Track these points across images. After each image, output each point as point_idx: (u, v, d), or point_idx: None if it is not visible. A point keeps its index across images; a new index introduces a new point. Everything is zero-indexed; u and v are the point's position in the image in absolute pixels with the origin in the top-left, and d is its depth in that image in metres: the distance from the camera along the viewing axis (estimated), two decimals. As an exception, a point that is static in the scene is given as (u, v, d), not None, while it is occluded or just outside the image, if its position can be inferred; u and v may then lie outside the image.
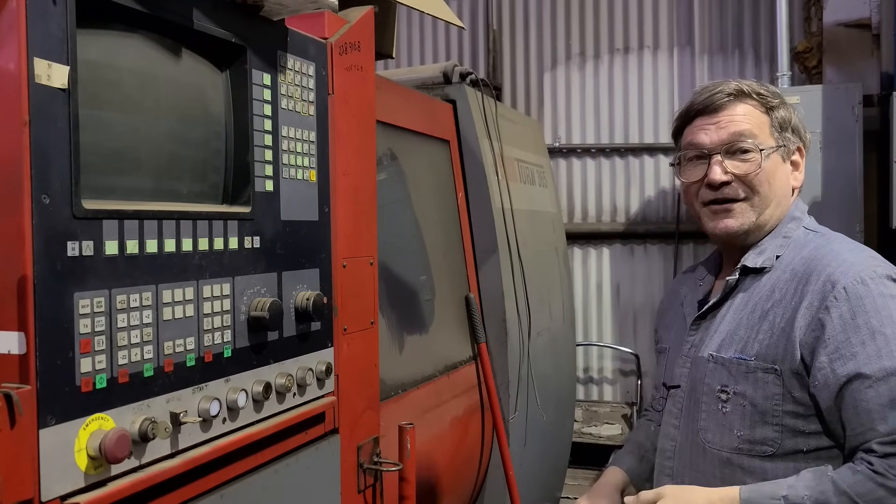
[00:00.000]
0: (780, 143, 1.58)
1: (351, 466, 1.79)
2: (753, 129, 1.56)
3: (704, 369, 1.57)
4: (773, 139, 1.57)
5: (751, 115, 1.57)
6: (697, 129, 1.60)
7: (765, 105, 1.58)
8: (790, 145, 1.60)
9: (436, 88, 3.11)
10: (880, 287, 1.41)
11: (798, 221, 1.61)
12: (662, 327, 1.84)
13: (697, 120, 1.61)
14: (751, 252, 1.59)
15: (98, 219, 1.13)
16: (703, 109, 1.60)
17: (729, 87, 1.58)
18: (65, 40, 1.08)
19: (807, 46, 5.25)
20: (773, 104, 1.59)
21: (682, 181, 1.65)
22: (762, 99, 1.58)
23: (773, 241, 1.58)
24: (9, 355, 1.04)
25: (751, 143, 1.55)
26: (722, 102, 1.57)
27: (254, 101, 1.47)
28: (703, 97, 1.60)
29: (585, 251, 5.97)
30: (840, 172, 4.24)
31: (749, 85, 1.59)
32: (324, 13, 1.72)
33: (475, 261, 3.05)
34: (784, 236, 1.58)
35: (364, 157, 1.86)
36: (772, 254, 1.56)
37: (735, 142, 1.55)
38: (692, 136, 1.62)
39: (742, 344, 1.52)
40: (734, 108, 1.57)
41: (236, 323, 1.41)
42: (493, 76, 6.05)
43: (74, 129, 1.10)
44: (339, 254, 1.74)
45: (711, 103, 1.58)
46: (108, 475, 1.13)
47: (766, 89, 1.61)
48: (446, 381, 2.67)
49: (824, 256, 1.48)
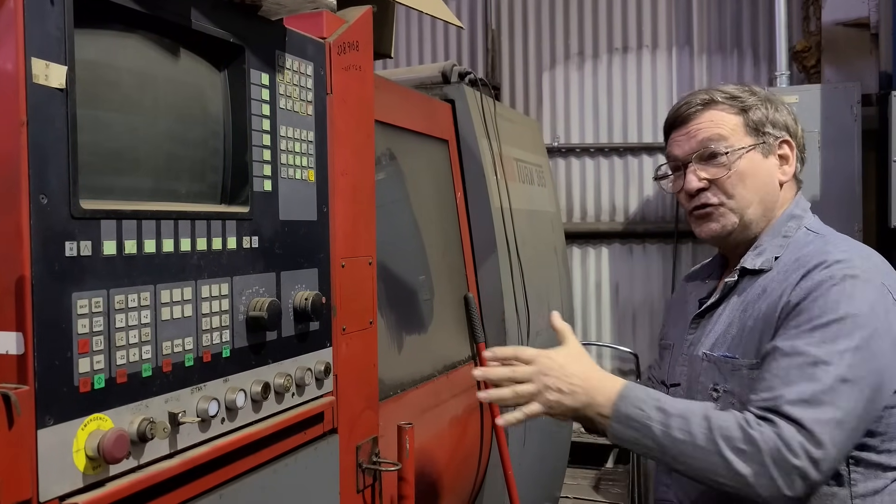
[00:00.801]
0: (759, 140, 1.60)
1: (350, 466, 1.79)
2: (723, 132, 1.59)
3: (699, 368, 1.59)
4: (748, 138, 1.60)
5: (719, 119, 1.61)
6: (673, 142, 1.68)
7: (737, 107, 1.61)
8: (770, 140, 1.61)
9: (434, 88, 3.11)
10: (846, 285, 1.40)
11: (798, 220, 1.61)
12: (670, 322, 1.86)
13: (673, 133, 1.68)
14: (750, 253, 1.61)
15: (96, 219, 1.13)
16: (674, 123, 1.67)
17: (698, 98, 1.64)
18: (63, 40, 1.08)
19: (805, 46, 5.26)
20: (748, 104, 1.62)
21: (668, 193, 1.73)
22: (735, 101, 1.62)
23: (772, 242, 1.59)
24: (7, 355, 1.04)
25: (718, 146, 1.58)
26: (690, 113, 1.64)
27: (252, 100, 1.47)
28: (675, 110, 1.67)
29: (584, 251, 5.97)
30: (839, 172, 4.24)
31: (722, 91, 1.64)
32: (322, 13, 1.72)
33: (474, 260, 3.05)
34: (784, 236, 1.59)
35: (363, 157, 1.86)
36: (770, 255, 1.57)
37: (704, 149, 1.60)
38: (669, 148, 1.69)
39: (731, 343, 1.54)
40: (703, 116, 1.62)
41: (235, 323, 1.41)
42: (491, 76, 6.06)
43: (72, 129, 1.09)
44: (338, 254, 1.74)
45: (679, 115, 1.66)
46: (107, 475, 1.13)
47: (745, 90, 1.64)
48: (445, 380, 2.67)
49: (815, 256, 1.49)
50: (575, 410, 1.50)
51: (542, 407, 1.51)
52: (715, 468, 1.35)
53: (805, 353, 1.36)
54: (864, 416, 1.36)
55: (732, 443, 1.34)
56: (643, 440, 1.43)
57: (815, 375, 1.34)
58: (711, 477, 1.37)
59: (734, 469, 1.33)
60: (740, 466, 1.33)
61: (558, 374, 1.51)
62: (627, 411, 1.45)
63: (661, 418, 1.41)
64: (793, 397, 1.34)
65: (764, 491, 1.32)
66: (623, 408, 1.45)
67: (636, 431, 1.43)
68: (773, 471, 1.31)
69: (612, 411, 1.46)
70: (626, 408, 1.45)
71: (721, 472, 1.35)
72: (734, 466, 1.33)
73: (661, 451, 1.41)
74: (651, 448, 1.43)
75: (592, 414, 1.49)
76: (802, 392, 1.34)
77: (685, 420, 1.39)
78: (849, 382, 1.34)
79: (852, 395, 1.34)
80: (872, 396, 1.36)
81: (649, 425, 1.42)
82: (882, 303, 1.40)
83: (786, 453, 1.31)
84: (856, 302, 1.38)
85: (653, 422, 1.41)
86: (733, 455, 1.34)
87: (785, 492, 1.31)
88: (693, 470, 1.39)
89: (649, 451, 1.44)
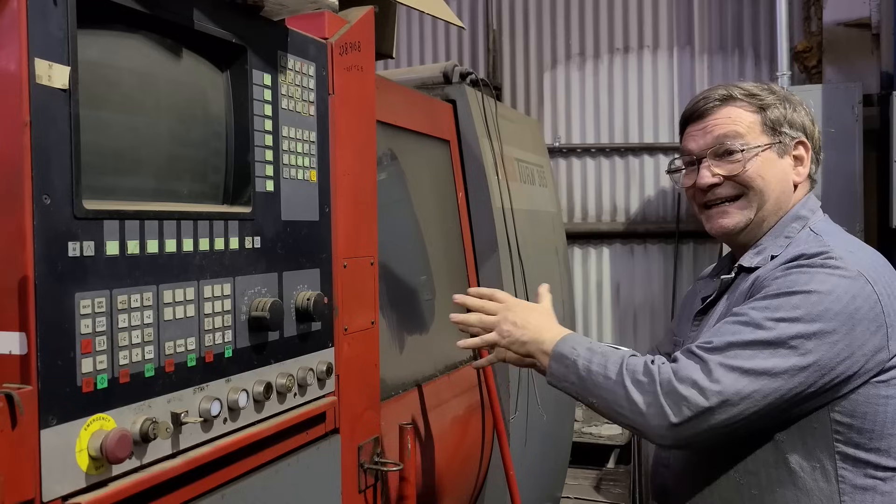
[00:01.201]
0: (775, 139, 1.59)
1: (352, 466, 1.79)
2: (739, 129, 1.58)
3: None
4: (765, 137, 1.59)
5: (737, 116, 1.60)
6: (688, 137, 1.67)
7: (756, 105, 1.60)
8: (787, 140, 1.60)
9: (436, 88, 3.11)
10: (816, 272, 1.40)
11: (803, 221, 1.59)
12: (682, 319, 1.88)
13: (689, 127, 1.67)
14: (749, 251, 1.61)
15: (99, 219, 1.13)
16: (690, 117, 1.67)
17: (717, 93, 1.63)
18: (65, 41, 1.08)
19: (806, 46, 5.26)
20: (767, 103, 1.60)
21: (680, 187, 1.72)
22: (753, 99, 1.61)
23: (773, 242, 1.58)
24: (10, 356, 1.04)
25: (734, 143, 1.58)
26: (708, 108, 1.62)
27: (254, 101, 1.47)
28: (692, 104, 1.66)
29: (585, 251, 5.97)
30: (840, 172, 4.24)
31: (741, 88, 1.62)
32: (324, 13, 1.72)
33: (475, 260, 3.05)
34: (786, 236, 1.58)
35: (364, 157, 1.86)
36: (768, 254, 1.57)
37: (720, 145, 1.59)
38: (684, 142, 1.68)
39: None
40: (719, 113, 1.61)
41: (237, 323, 1.41)
42: (492, 76, 6.06)
43: (75, 130, 1.10)
44: (340, 254, 1.74)
45: (697, 110, 1.64)
46: (110, 475, 1.13)
47: (763, 89, 1.63)
48: (447, 380, 2.67)
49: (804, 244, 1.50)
50: (524, 344, 1.64)
51: (497, 336, 1.67)
52: (617, 399, 1.45)
53: (745, 315, 1.42)
54: (782, 381, 1.35)
55: (634, 375, 1.44)
56: (569, 375, 1.54)
57: (741, 332, 1.39)
58: (615, 409, 1.46)
59: (631, 398, 1.42)
60: (636, 396, 1.42)
61: (519, 312, 1.68)
62: (562, 350, 1.57)
63: (587, 355, 1.53)
64: (708, 342, 1.41)
65: (654, 420, 1.40)
66: (560, 347, 1.58)
67: (565, 368, 1.55)
68: (662, 399, 1.39)
69: (551, 349, 1.59)
70: (562, 347, 1.57)
71: (622, 403, 1.44)
72: (631, 396, 1.42)
73: (581, 384, 1.52)
74: (574, 383, 1.53)
75: (536, 351, 1.62)
76: (720, 341, 1.40)
77: (605, 357, 1.51)
78: (772, 347, 1.36)
79: (771, 358, 1.36)
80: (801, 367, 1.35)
81: (575, 361, 1.53)
82: (849, 289, 1.38)
83: (675, 383, 1.38)
84: (814, 283, 1.39)
85: (579, 358, 1.53)
86: (632, 385, 1.43)
87: (672, 419, 1.37)
88: (604, 404, 1.48)
89: (573, 386, 1.54)
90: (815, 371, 1.36)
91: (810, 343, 1.35)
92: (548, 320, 1.69)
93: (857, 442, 1.41)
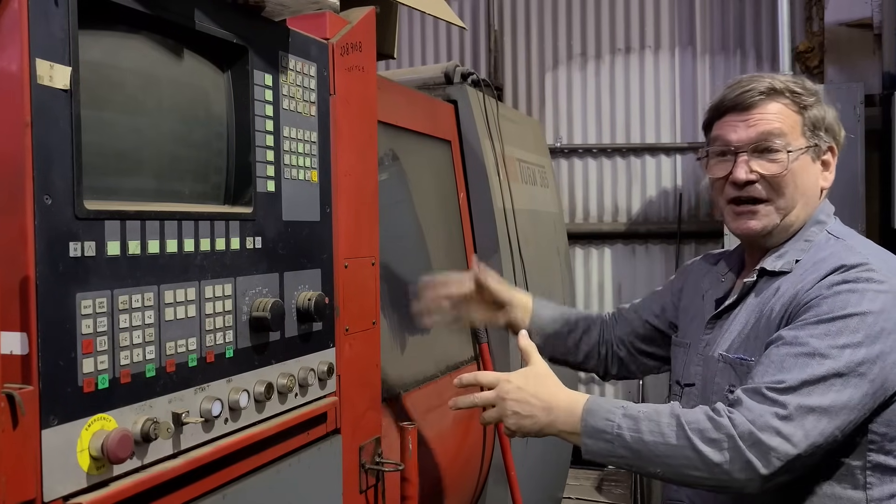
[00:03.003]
0: (812, 143, 1.55)
1: (353, 467, 1.79)
2: (784, 128, 1.53)
3: (715, 368, 1.57)
4: (804, 139, 1.54)
5: (782, 114, 1.54)
6: (726, 125, 1.58)
7: (798, 104, 1.55)
8: (822, 145, 1.57)
9: (437, 89, 3.12)
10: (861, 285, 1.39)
11: (821, 225, 1.57)
12: (685, 316, 1.81)
13: (728, 116, 1.58)
14: (771, 255, 1.57)
15: (100, 219, 1.13)
16: (734, 106, 1.57)
17: (762, 85, 1.55)
18: (67, 41, 1.08)
19: (808, 46, 5.25)
20: (808, 103, 1.55)
21: (709, 177, 1.63)
22: (796, 97, 1.55)
23: (794, 245, 1.56)
24: (11, 356, 1.04)
25: (779, 143, 1.52)
26: (754, 100, 1.54)
27: (255, 101, 1.47)
28: (736, 93, 1.56)
29: (587, 251, 5.97)
30: (842, 172, 4.17)
31: (783, 82, 1.55)
32: (325, 14, 1.72)
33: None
34: (806, 240, 1.55)
35: (366, 158, 1.86)
36: (791, 258, 1.54)
37: (763, 141, 1.53)
38: (720, 130, 1.59)
39: (746, 344, 1.52)
40: (766, 107, 1.54)
41: (238, 323, 1.41)
42: (494, 76, 6.06)
43: (76, 130, 1.10)
44: (341, 254, 1.74)
45: (743, 101, 1.55)
46: (111, 475, 1.13)
47: (803, 87, 1.57)
48: (448, 380, 2.67)
49: (833, 258, 1.46)
50: (538, 432, 1.51)
51: (507, 422, 1.54)
52: (691, 463, 1.34)
53: (805, 344, 1.35)
54: (857, 411, 1.34)
55: (704, 434, 1.33)
56: (617, 450, 1.41)
57: (809, 365, 1.33)
58: (689, 473, 1.35)
59: (709, 460, 1.32)
60: (714, 456, 1.31)
61: (516, 396, 1.52)
62: (596, 424, 1.43)
63: (630, 424, 1.39)
64: (778, 382, 1.33)
65: (741, 474, 1.30)
66: (591, 422, 1.43)
67: (608, 443, 1.41)
68: (748, 453, 1.30)
69: (581, 427, 1.44)
70: (595, 421, 1.43)
71: (697, 466, 1.33)
72: (708, 458, 1.32)
73: (636, 457, 1.39)
74: (625, 457, 1.40)
75: (557, 433, 1.49)
76: (791, 379, 1.33)
77: (654, 422, 1.38)
78: (843, 377, 1.33)
79: (845, 389, 1.32)
80: (871, 392, 1.35)
81: (620, 434, 1.40)
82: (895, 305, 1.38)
83: (758, 434, 1.30)
84: (865, 302, 1.37)
85: (623, 430, 1.39)
86: (705, 446, 1.32)
87: (761, 471, 1.29)
88: (671, 471, 1.37)
89: (624, 460, 1.41)
90: (882, 392, 1.36)
91: (875, 367, 1.34)
92: (550, 391, 1.52)
93: (889, 450, 1.41)
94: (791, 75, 1.61)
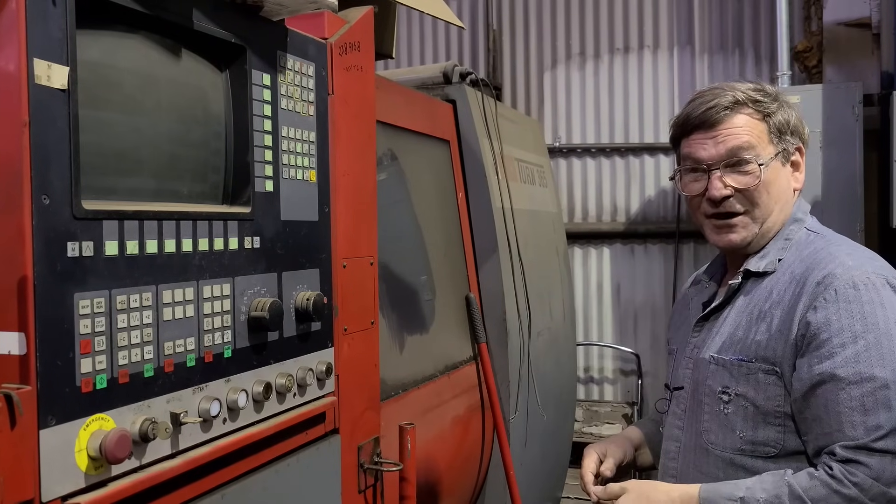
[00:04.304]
0: (780, 148, 1.57)
1: (351, 466, 1.79)
2: (752, 140, 1.54)
3: (706, 371, 1.58)
4: (772, 146, 1.56)
5: (748, 125, 1.55)
6: (695, 144, 1.59)
7: (762, 112, 1.56)
8: (790, 147, 1.59)
9: (436, 88, 3.12)
10: (871, 293, 1.41)
11: (800, 223, 1.60)
12: (673, 327, 1.85)
13: (695, 134, 1.59)
14: (754, 256, 1.59)
15: (98, 219, 1.13)
16: (700, 124, 1.58)
17: (725, 100, 1.55)
18: (64, 41, 1.08)
19: (807, 46, 5.25)
20: (771, 109, 1.57)
21: (684, 194, 1.65)
22: (759, 106, 1.56)
23: (775, 245, 1.58)
24: (9, 356, 1.04)
25: (749, 155, 1.54)
26: (719, 116, 1.55)
27: (253, 101, 1.47)
28: (701, 110, 1.57)
29: (586, 251, 5.96)
30: (840, 172, 4.23)
31: (745, 92, 1.56)
32: (323, 13, 1.72)
33: (475, 261, 3.05)
34: (786, 238, 1.58)
35: (364, 158, 1.86)
36: (774, 257, 1.56)
37: (733, 156, 1.54)
38: (690, 149, 1.60)
39: (741, 346, 1.53)
40: (731, 121, 1.55)
41: (236, 323, 1.41)
42: (493, 76, 6.05)
43: (74, 130, 1.10)
44: (340, 254, 1.74)
45: (709, 118, 1.56)
46: (109, 475, 1.13)
47: (763, 93, 1.58)
48: (447, 381, 2.67)
49: (822, 259, 1.48)
50: None
51: None
52: None
53: (873, 378, 1.36)
54: None
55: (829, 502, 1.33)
56: None
57: (889, 398, 1.35)
58: None
59: None
60: None
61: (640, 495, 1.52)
62: None
63: None
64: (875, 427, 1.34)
65: None
66: None
67: None
68: None
69: None
70: None
71: None
72: None
73: None
74: None
75: None
76: (885, 421, 1.34)
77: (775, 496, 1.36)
78: None
79: None
80: None
81: None
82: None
83: (886, 489, 1.32)
84: (887, 308, 1.40)
85: None
86: None
87: None
88: None
89: None
90: None
91: None
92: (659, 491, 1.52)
93: None
94: (751, 82, 1.61)
